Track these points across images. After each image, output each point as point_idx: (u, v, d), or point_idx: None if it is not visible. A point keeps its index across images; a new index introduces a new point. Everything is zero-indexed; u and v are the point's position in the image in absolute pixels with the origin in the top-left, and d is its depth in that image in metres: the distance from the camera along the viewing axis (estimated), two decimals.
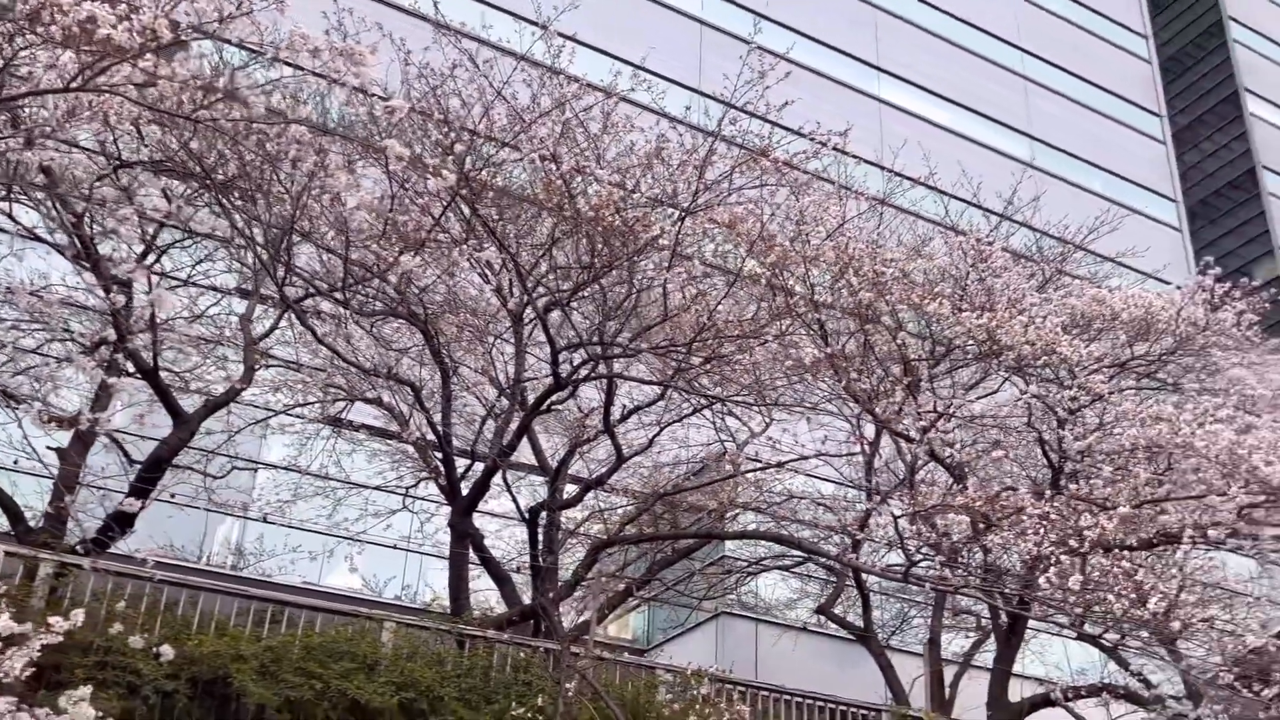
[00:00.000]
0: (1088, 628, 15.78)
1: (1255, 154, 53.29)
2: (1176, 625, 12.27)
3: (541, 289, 13.23)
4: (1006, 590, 13.79)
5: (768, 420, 17.12)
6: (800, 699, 14.38)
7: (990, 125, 42.51)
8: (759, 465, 17.65)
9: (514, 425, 14.27)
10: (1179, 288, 15.38)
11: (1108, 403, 14.02)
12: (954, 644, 22.20)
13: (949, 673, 18.50)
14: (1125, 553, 11.93)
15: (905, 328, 14.99)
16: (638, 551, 19.52)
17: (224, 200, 10.99)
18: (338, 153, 9.61)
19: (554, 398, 14.11)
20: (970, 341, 14.74)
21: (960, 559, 15.49)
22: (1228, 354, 15.12)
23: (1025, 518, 11.23)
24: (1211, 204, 55.36)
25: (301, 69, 8.64)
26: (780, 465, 16.78)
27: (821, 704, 14.47)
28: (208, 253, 14.50)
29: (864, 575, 18.00)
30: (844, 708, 14.58)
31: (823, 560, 17.96)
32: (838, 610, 20.65)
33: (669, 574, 21.96)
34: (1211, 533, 12.41)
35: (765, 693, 14.24)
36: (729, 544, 22.56)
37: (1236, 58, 55.30)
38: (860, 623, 18.80)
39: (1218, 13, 56.63)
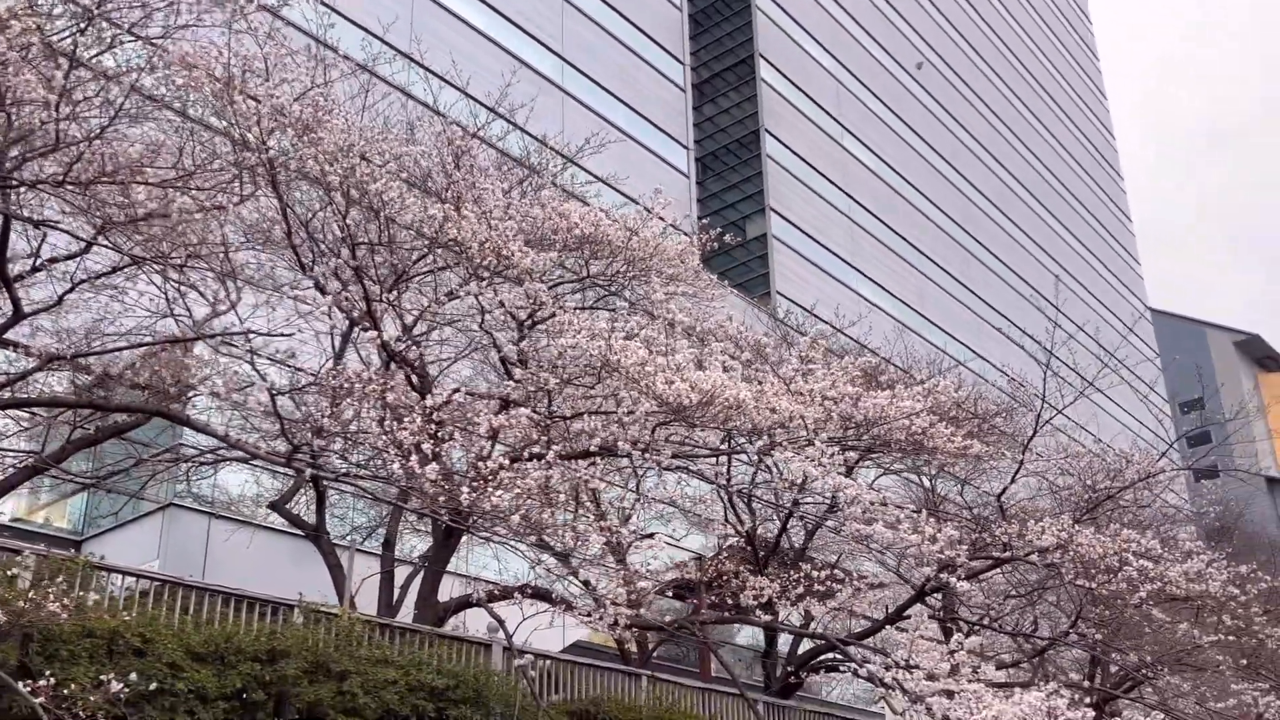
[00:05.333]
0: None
1: (761, 117, 57.95)
2: (627, 536, 12.66)
3: None
4: (399, 486, 13.51)
5: (234, 298, 15.69)
6: (203, 589, 13.38)
7: (524, 38, 42.55)
8: (203, 336, 16.16)
9: None
10: (639, 211, 15.84)
11: (554, 314, 14.15)
12: (420, 546, 22.17)
13: (404, 574, 18.35)
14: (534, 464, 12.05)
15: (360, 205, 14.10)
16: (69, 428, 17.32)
17: None
18: None
19: None
20: (438, 234, 14.21)
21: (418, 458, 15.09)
22: (667, 283, 15.89)
23: (418, 416, 10.92)
24: (720, 158, 59.65)
25: None
26: (215, 336, 15.34)
27: (227, 594, 13.57)
28: None
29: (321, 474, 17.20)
30: (252, 600, 13.76)
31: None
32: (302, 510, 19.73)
33: (109, 458, 19.76)
34: (622, 445, 12.95)
35: (162, 581, 13.06)
36: (188, 432, 20.77)
37: (756, 22, 59.56)
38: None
39: None
